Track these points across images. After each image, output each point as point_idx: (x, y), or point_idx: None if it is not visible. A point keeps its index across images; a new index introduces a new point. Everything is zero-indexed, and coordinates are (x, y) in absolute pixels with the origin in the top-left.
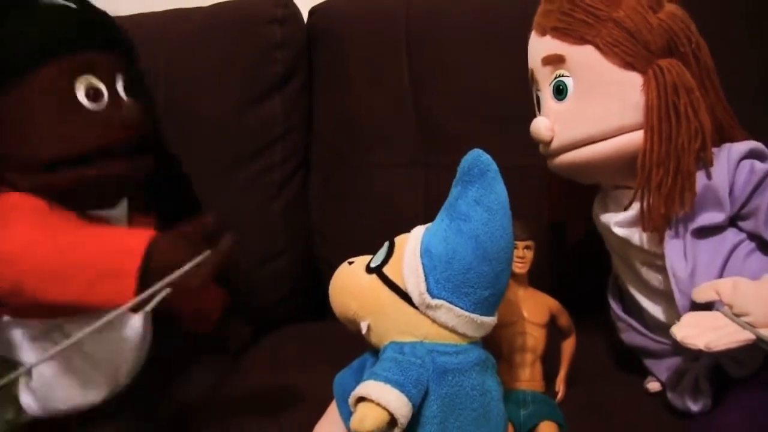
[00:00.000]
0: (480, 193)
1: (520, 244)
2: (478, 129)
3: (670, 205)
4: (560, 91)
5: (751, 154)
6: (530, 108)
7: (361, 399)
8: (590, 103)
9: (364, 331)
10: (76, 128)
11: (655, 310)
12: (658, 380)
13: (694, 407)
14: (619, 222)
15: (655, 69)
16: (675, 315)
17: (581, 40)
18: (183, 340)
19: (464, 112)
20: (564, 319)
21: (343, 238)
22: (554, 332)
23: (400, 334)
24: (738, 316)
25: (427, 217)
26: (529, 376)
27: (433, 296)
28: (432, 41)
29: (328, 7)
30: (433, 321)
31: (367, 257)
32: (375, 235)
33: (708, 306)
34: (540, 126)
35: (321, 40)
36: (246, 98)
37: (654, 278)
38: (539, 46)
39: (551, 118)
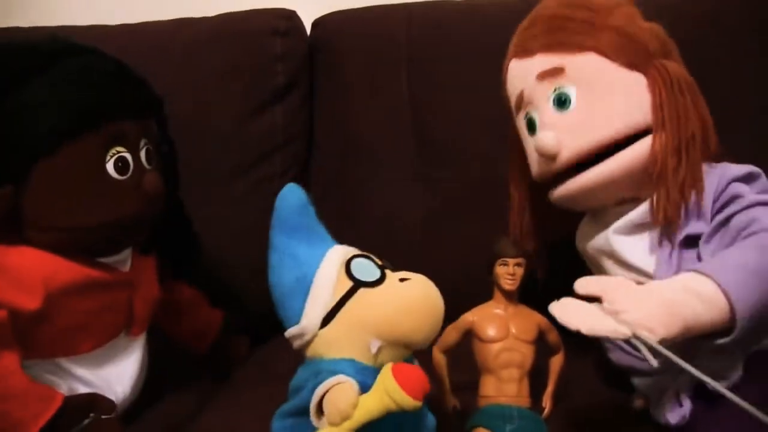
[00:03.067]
0: None
1: (511, 261)
2: (475, 144)
3: (686, 192)
4: (563, 103)
5: (748, 178)
6: None
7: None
8: (597, 106)
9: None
10: (106, 200)
11: None
12: (644, 397)
13: (672, 420)
14: (618, 228)
15: (658, 67)
16: None
17: (580, 48)
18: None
19: (461, 127)
20: (552, 336)
21: None
22: (543, 348)
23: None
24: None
25: (425, 229)
26: (516, 392)
27: None
28: (431, 58)
29: (331, 20)
30: None
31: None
32: (372, 247)
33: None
34: (547, 139)
35: (323, 52)
36: (247, 108)
37: None
38: (529, 66)
39: (556, 130)
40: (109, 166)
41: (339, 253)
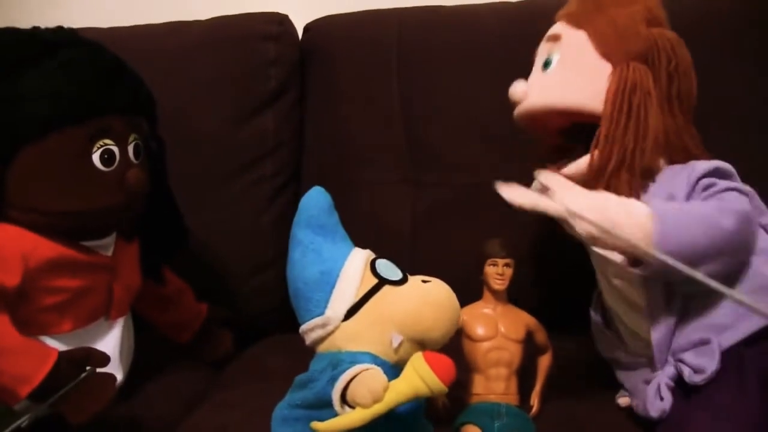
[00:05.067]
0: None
1: (500, 261)
2: (464, 148)
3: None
4: (546, 64)
5: (716, 173)
6: (515, 128)
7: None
8: (566, 78)
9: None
10: (88, 189)
11: (628, 319)
12: (629, 395)
13: (653, 413)
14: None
15: (623, 67)
16: (644, 326)
17: (578, 24)
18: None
19: (451, 131)
20: (540, 336)
21: None
22: (531, 349)
23: None
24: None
25: (414, 232)
26: (504, 390)
27: None
28: (421, 63)
29: (323, 25)
30: None
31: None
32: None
33: None
34: (516, 89)
35: (314, 57)
36: (239, 112)
37: (629, 291)
38: (551, 30)
39: (530, 84)
40: (95, 157)
41: (362, 253)
